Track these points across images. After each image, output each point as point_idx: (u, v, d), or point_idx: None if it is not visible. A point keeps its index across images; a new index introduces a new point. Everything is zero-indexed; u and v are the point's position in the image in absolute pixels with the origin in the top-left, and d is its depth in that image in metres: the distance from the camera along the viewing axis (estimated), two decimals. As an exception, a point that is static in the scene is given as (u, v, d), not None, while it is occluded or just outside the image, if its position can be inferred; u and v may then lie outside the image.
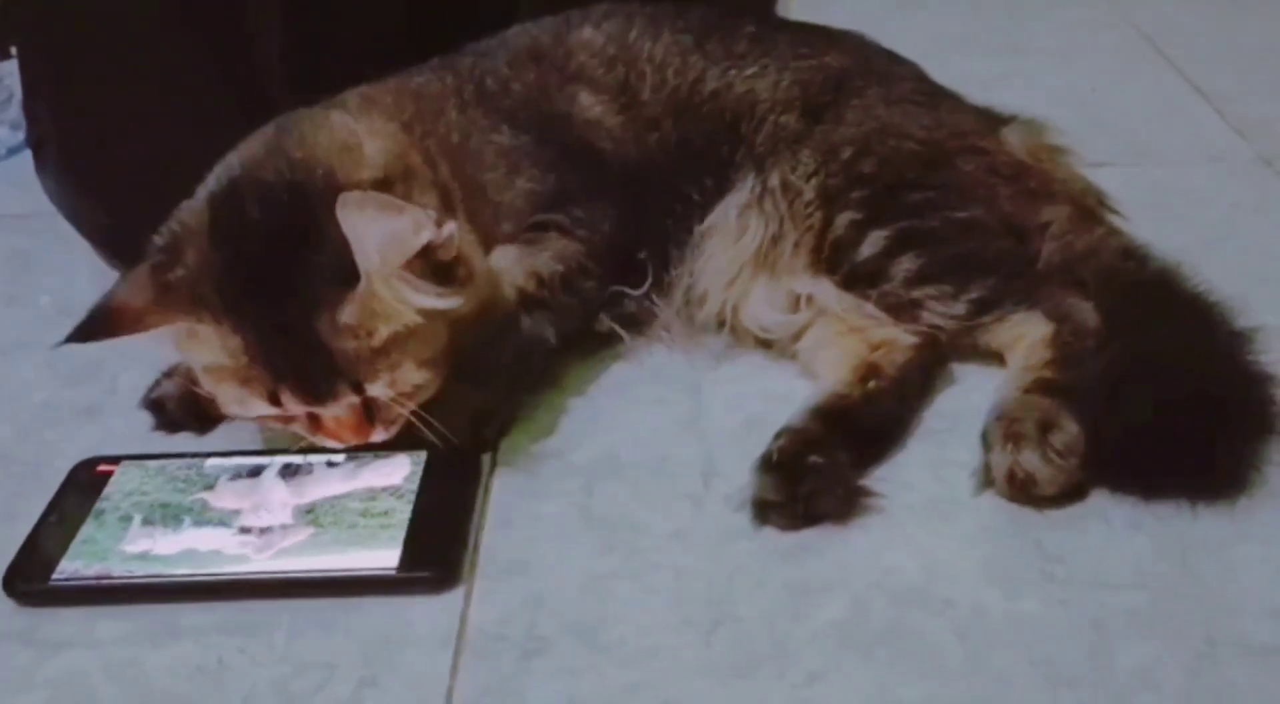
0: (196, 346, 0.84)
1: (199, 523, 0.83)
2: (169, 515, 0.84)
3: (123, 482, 0.87)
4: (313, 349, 0.80)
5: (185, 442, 0.95)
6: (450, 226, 0.82)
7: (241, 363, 0.82)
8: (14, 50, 1.30)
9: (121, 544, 0.82)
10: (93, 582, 0.80)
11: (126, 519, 0.84)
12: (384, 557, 0.80)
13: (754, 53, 1.04)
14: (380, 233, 0.79)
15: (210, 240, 0.83)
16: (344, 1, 1.12)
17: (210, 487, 0.86)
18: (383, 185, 0.84)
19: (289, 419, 0.86)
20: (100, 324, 0.83)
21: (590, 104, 1.02)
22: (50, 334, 1.08)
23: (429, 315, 0.83)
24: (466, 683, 0.73)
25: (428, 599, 0.78)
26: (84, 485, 0.88)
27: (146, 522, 0.84)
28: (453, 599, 0.78)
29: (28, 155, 1.24)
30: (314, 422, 0.85)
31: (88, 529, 0.83)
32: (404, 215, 0.79)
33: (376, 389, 0.83)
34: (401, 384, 0.83)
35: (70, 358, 1.05)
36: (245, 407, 0.85)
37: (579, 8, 1.08)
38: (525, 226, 0.96)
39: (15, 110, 1.38)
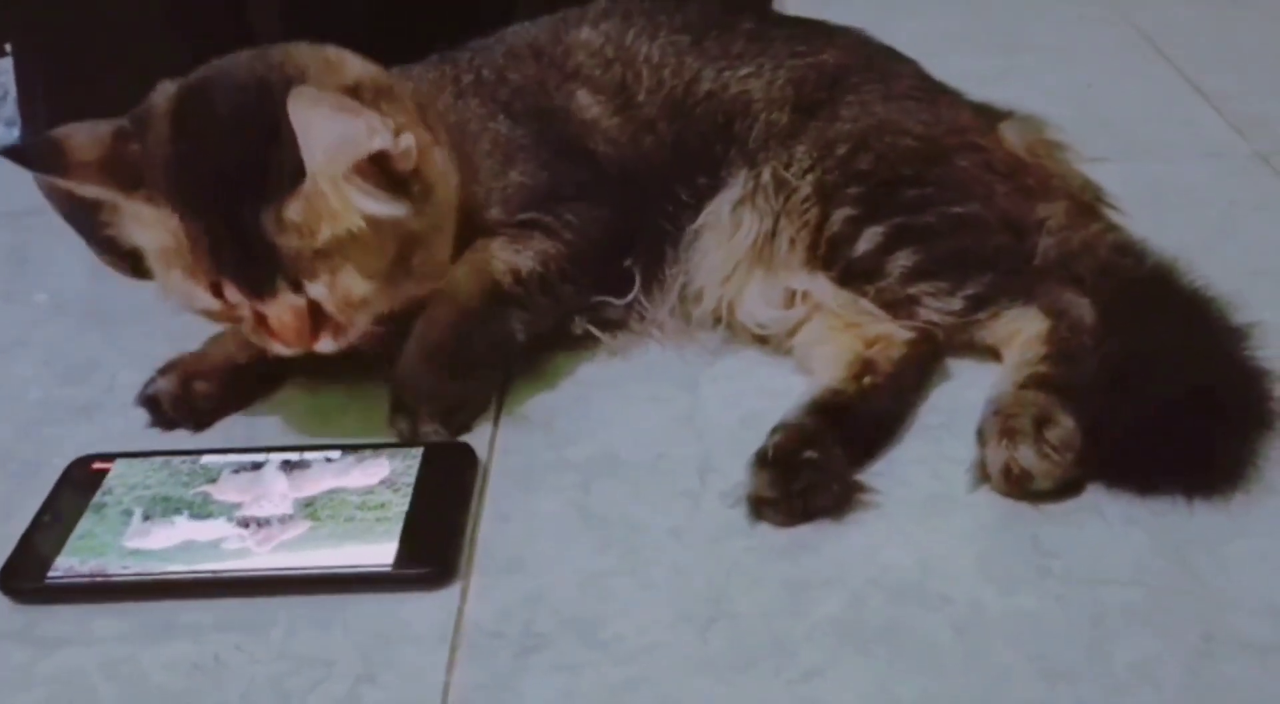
0: (143, 228, 0.84)
1: (199, 516, 0.83)
2: (170, 509, 0.84)
3: (124, 475, 0.87)
4: (255, 242, 0.81)
5: (181, 439, 0.95)
6: (408, 138, 0.82)
7: (185, 247, 0.82)
8: (9, 47, 1.30)
9: (121, 539, 0.82)
10: (89, 579, 0.79)
11: (127, 513, 0.84)
12: (380, 553, 0.80)
13: (750, 51, 1.04)
14: (330, 132, 0.78)
15: (171, 123, 0.83)
16: (343, 2, 1.12)
17: (213, 480, 0.86)
18: (352, 93, 0.83)
19: (236, 317, 0.86)
20: (42, 154, 0.83)
21: (588, 104, 1.02)
22: (46, 332, 1.09)
23: (376, 224, 0.82)
24: (463, 680, 0.73)
25: (424, 595, 0.78)
26: (79, 483, 0.88)
27: (146, 516, 0.83)
28: (449, 595, 0.78)
29: (24, 153, 1.24)
30: (260, 321, 0.85)
31: (86, 524, 0.83)
32: (358, 119, 0.79)
33: (316, 290, 0.83)
34: (341, 289, 0.83)
35: (67, 356, 1.06)
36: (191, 298, 0.85)
37: (576, 7, 1.09)
38: (513, 223, 0.96)
39: (11, 108, 1.38)
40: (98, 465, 0.89)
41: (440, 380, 0.90)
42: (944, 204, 0.96)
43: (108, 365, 1.04)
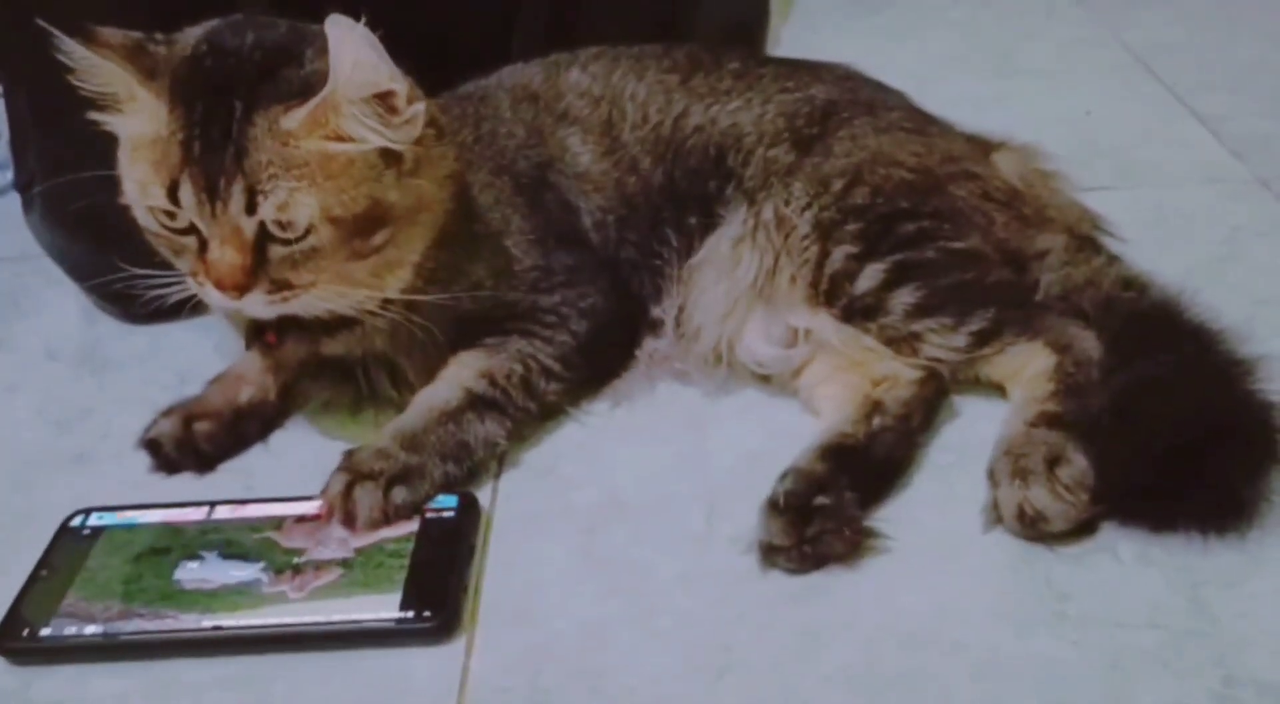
0: (133, 116, 0.84)
1: (249, 560, 0.83)
2: (233, 553, 0.84)
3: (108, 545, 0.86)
4: (233, 142, 0.81)
5: (183, 486, 0.93)
6: (420, 107, 0.84)
7: (163, 137, 0.82)
8: (0, 89, 1.28)
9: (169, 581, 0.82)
10: (87, 638, 0.78)
11: (191, 556, 0.84)
12: (384, 607, 0.78)
13: (738, 88, 1.04)
14: (358, 55, 0.80)
15: (200, 39, 0.86)
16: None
17: (278, 527, 0.85)
18: None
19: (179, 246, 0.85)
20: (73, 29, 0.83)
21: (579, 151, 1.02)
22: (39, 378, 1.08)
23: (355, 171, 0.82)
24: (470, 737, 0.71)
25: (428, 649, 0.77)
26: (76, 536, 0.86)
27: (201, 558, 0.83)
28: (454, 649, 0.77)
29: (15, 197, 1.23)
30: (201, 252, 0.83)
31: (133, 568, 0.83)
32: (384, 59, 0.81)
33: (268, 206, 0.81)
34: (292, 212, 0.81)
35: (61, 404, 1.04)
36: (146, 194, 0.84)
37: (568, 50, 1.09)
38: (490, 332, 0.95)
39: (3, 151, 1.36)
40: (95, 519, 0.88)
41: (392, 447, 0.87)
42: (944, 238, 0.95)
43: (102, 413, 1.02)
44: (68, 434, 1.01)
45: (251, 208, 0.81)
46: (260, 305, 0.85)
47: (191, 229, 0.84)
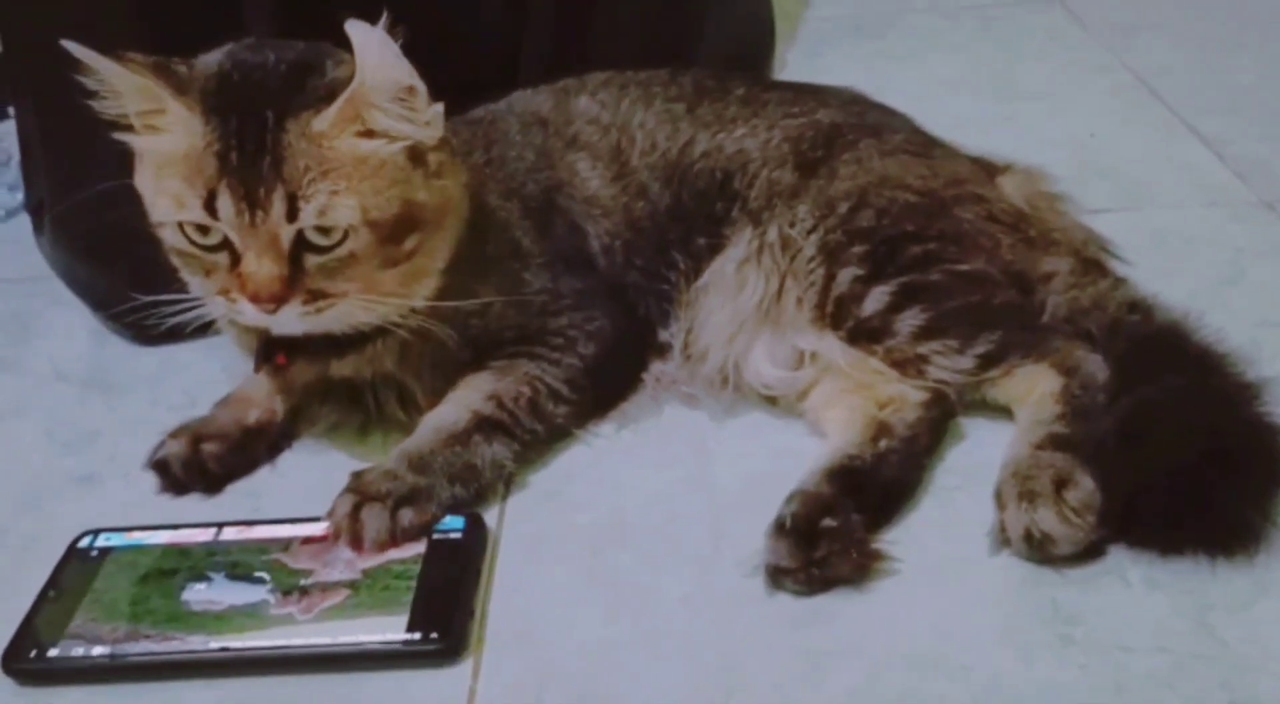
0: (164, 131, 0.85)
1: (255, 582, 0.83)
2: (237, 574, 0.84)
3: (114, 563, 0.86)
4: (270, 151, 0.82)
5: (191, 507, 0.93)
6: (439, 107, 0.86)
7: (198, 149, 0.83)
8: (11, 111, 1.30)
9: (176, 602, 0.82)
10: (95, 659, 0.78)
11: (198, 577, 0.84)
12: (391, 628, 0.78)
13: (744, 114, 1.05)
14: (381, 53, 0.82)
15: (222, 57, 0.87)
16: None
17: (286, 548, 0.86)
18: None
19: (209, 264, 0.85)
20: (101, 50, 0.84)
21: (589, 176, 1.03)
22: (47, 400, 1.08)
23: (387, 172, 0.84)
24: (476, 761, 0.71)
25: (435, 671, 0.77)
26: (84, 559, 0.86)
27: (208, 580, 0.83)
28: (460, 672, 0.77)
29: (25, 218, 1.24)
30: (232, 268, 0.84)
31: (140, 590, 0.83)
32: (404, 59, 0.83)
33: (309, 212, 0.82)
34: (333, 215, 0.82)
35: (69, 425, 1.05)
36: (180, 208, 0.84)
37: (576, 77, 1.10)
38: (498, 355, 0.95)
39: (14, 172, 1.37)
40: (103, 540, 0.88)
41: (400, 468, 0.88)
42: (950, 261, 0.95)
43: (110, 434, 1.03)
44: (76, 455, 1.01)
45: (293, 215, 0.82)
46: (294, 318, 0.85)
47: (223, 245, 0.84)
